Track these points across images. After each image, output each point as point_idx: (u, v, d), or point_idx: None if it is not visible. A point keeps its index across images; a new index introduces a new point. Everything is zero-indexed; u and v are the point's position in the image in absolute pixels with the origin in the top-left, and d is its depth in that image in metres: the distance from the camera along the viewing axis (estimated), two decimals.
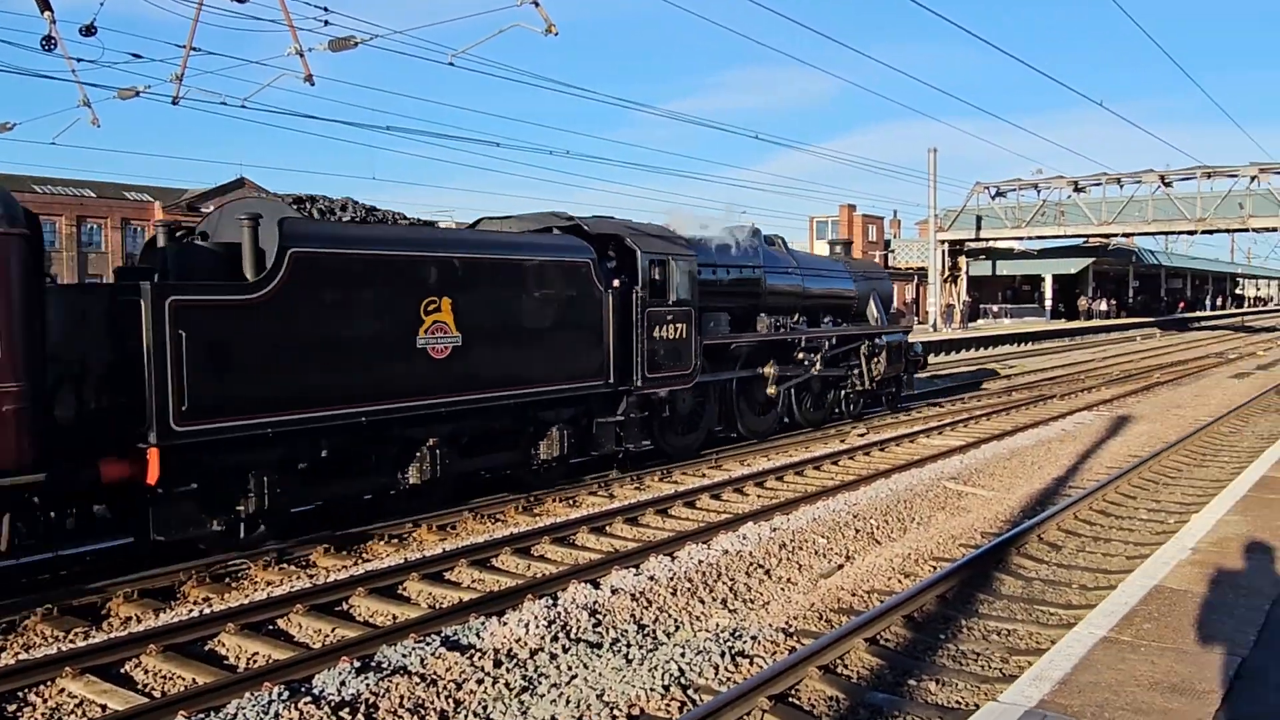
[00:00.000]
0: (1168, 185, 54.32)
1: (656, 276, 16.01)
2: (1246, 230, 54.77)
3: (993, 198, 60.81)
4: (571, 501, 13.86)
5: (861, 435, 19.97)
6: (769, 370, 19.59)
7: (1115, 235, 61.32)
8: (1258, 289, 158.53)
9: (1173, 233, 60.65)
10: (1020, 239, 61.93)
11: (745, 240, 19.75)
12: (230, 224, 11.64)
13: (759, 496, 14.62)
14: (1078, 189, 57.66)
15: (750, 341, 18.94)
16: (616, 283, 15.28)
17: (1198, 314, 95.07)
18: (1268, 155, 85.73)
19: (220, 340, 10.21)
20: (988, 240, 63.99)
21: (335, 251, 11.41)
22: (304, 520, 12.38)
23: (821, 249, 53.83)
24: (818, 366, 20.85)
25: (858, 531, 12.33)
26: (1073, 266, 74.21)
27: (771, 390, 19.55)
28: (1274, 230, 53.93)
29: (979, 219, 60.75)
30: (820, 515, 12.90)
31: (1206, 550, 9.24)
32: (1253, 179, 51.91)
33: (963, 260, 63.12)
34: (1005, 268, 74.21)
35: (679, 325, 16.63)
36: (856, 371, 22.65)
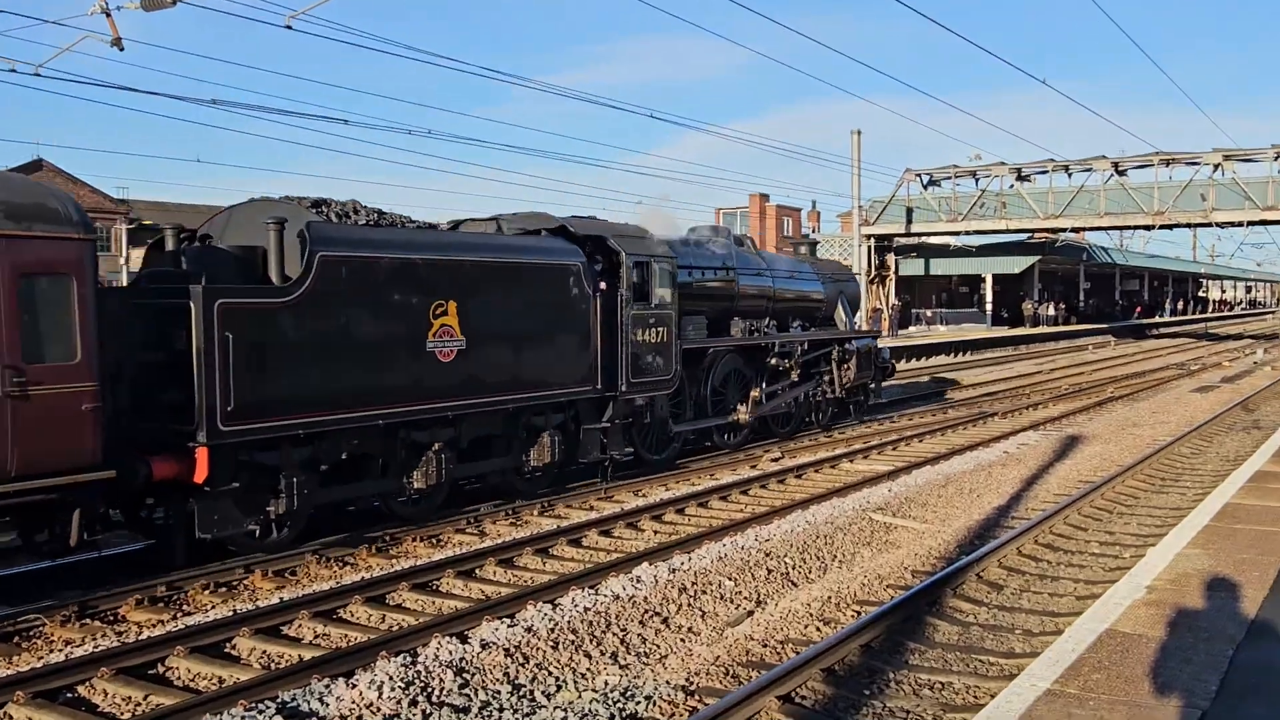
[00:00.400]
0: (1121, 174, 55.68)
1: (639, 279, 17.96)
2: (1209, 225, 56.39)
3: (925, 187, 61.51)
4: (435, 540, 13.88)
5: (775, 460, 20.23)
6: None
7: (1064, 230, 62.66)
8: (1223, 291, 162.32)
9: (1128, 227, 62.17)
10: (957, 234, 62.42)
11: (719, 240, 22.12)
12: (244, 226, 13.48)
13: (656, 532, 14.71)
14: (1021, 177, 58.67)
15: (728, 346, 21.03)
16: (603, 285, 17.13)
17: (1156, 320, 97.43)
18: (1232, 140, 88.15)
19: (259, 342, 12.12)
20: (920, 235, 64.78)
21: (358, 255, 13.38)
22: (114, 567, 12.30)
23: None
24: (795, 373, 23.20)
25: (770, 572, 12.39)
26: (1016, 265, 75.08)
27: (755, 394, 21.71)
28: (1240, 225, 55.70)
29: (910, 211, 61.48)
30: (727, 553, 12.94)
31: (1164, 589, 9.47)
32: (1216, 167, 53.37)
33: (891, 258, 64.08)
34: (940, 267, 74.73)
35: (661, 329, 18.70)
36: (827, 379, 24.51)
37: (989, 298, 78.26)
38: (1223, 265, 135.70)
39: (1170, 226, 58.24)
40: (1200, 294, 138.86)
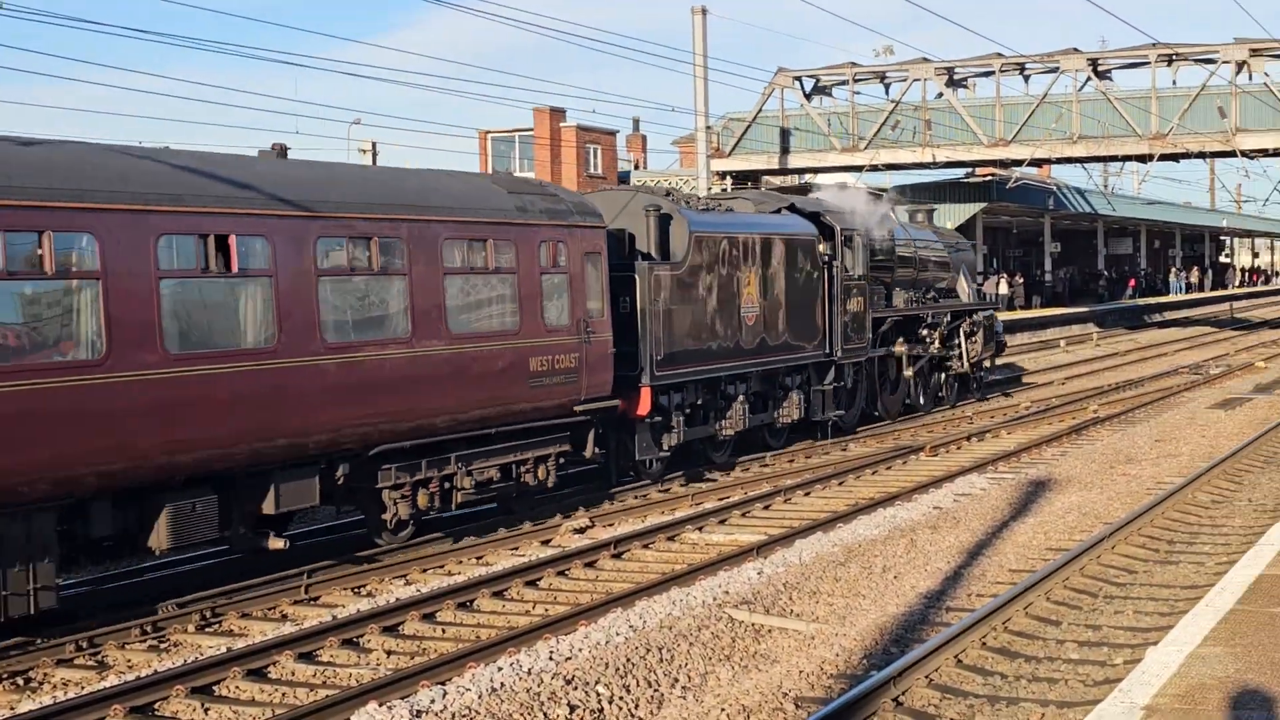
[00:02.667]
0: (1103, 76, 50.97)
1: (846, 251, 25.80)
2: (1233, 154, 51.31)
3: (808, 97, 54.79)
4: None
5: (580, 532, 19.02)
6: (899, 349, 28.70)
7: (1019, 163, 56.32)
8: (1255, 255, 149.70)
9: (1115, 158, 56.22)
10: (857, 170, 54.63)
11: (882, 208, 29.16)
12: (616, 210, 21.30)
13: (391, 651, 13.43)
14: (954, 82, 53.09)
15: (897, 315, 28.67)
16: (826, 257, 25.62)
17: (1158, 299, 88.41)
18: (1262, 28, 75.85)
19: (669, 308, 20.87)
20: (801, 173, 58.05)
21: (713, 234, 22.24)
22: None
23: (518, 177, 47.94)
24: (935, 345, 30.18)
25: (573, 712, 11.26)
26: (949, 218, 63.69)
27: (908, 373, 28.92)
28: (1276, 155, 51.92)
29: (785, 134, 54.56)
30: (507, 684, 11.66)
31: (1171, 710, 8.75)
32: (1240, 67, 48.62)
33: None
34: None
35: (859, 298, 26.23)
36: (956, 352, 31.13)
37: None
38: (1254, 216, 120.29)
39: (1176, 157, 53.22)
40: (1223, 259, 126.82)
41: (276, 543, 15.49)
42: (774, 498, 20.87)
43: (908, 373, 28.72)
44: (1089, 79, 50.08)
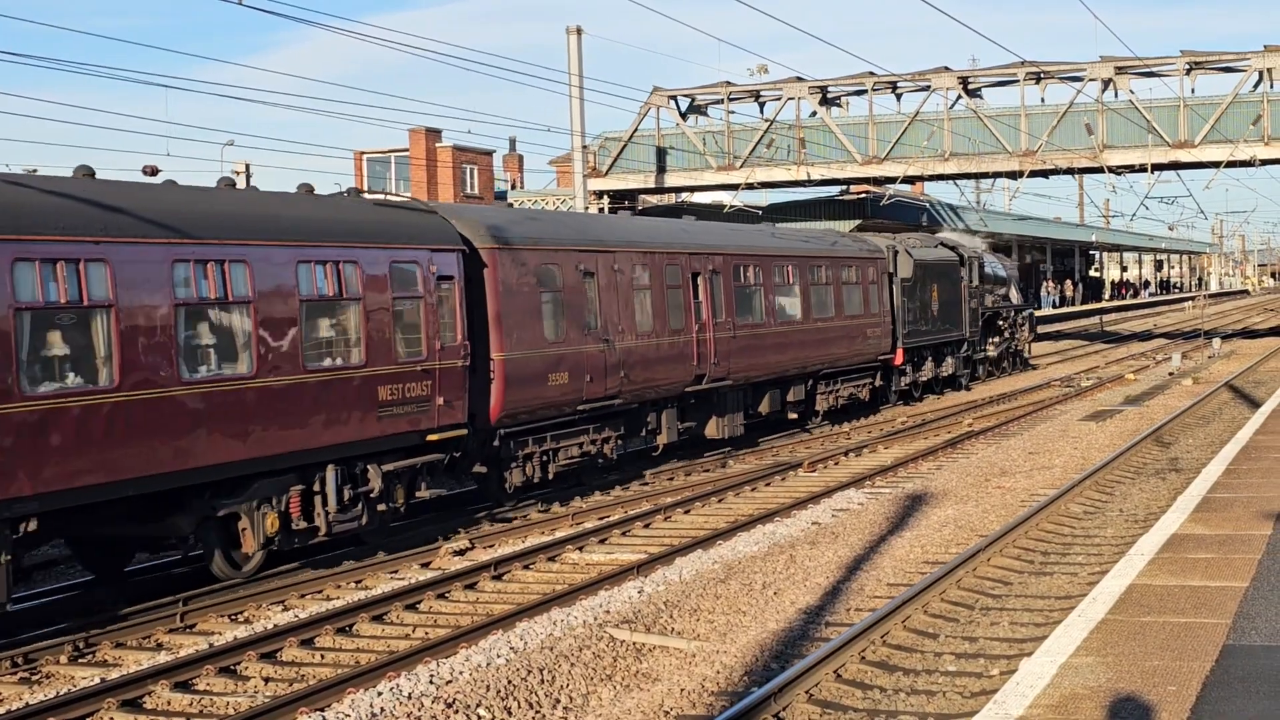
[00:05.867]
0: (973, 94, 52.36)
1: (970, 270, 42.14)
2: (1100, 170, 52.94)
3: (684, 116, 55.80)
4: None
5: (460, 554, 18.90)
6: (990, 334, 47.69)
7: (892, 180, 57.88)
8: (1124, 269, 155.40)
9: (984, 175, 58.03)
10: (733, 189, 56.28)
11: (979, 243, 48.86)
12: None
13: (269, 679, 13.23)
14: (827, 101, 54.14)
15: (992, 311, 45.09)
16: (962, 274, 43.08)
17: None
18: (1125, 47, 78.91)
19: (905, 303, 38.16)
20: (678, 191, 59.69)
21: (920, 260, 38.67)
22: None
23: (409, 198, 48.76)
24: (1007, 332, 47.52)
25: None
26: None
27: (992, 352, 45.37)
28: (1143, 170, 52.67)
29: (661, 153, 55.45)
30: (387, 709, 11.64)
31: None
32: (1106, 85, 50.31)
33: None
34: None
35: (975, 300, 42.72)
36: (1016, 336, 49.04)
37: None
38: (1122, 230, 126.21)
39: (1046, 174, 54.82)
40: (1093, 273, 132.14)
41: None
42: (654, 516, 20.90)
43: (992, 352, 45.30)
44: (960, 97, 51.13)
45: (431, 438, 19.15)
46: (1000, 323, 46.23)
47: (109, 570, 17.48)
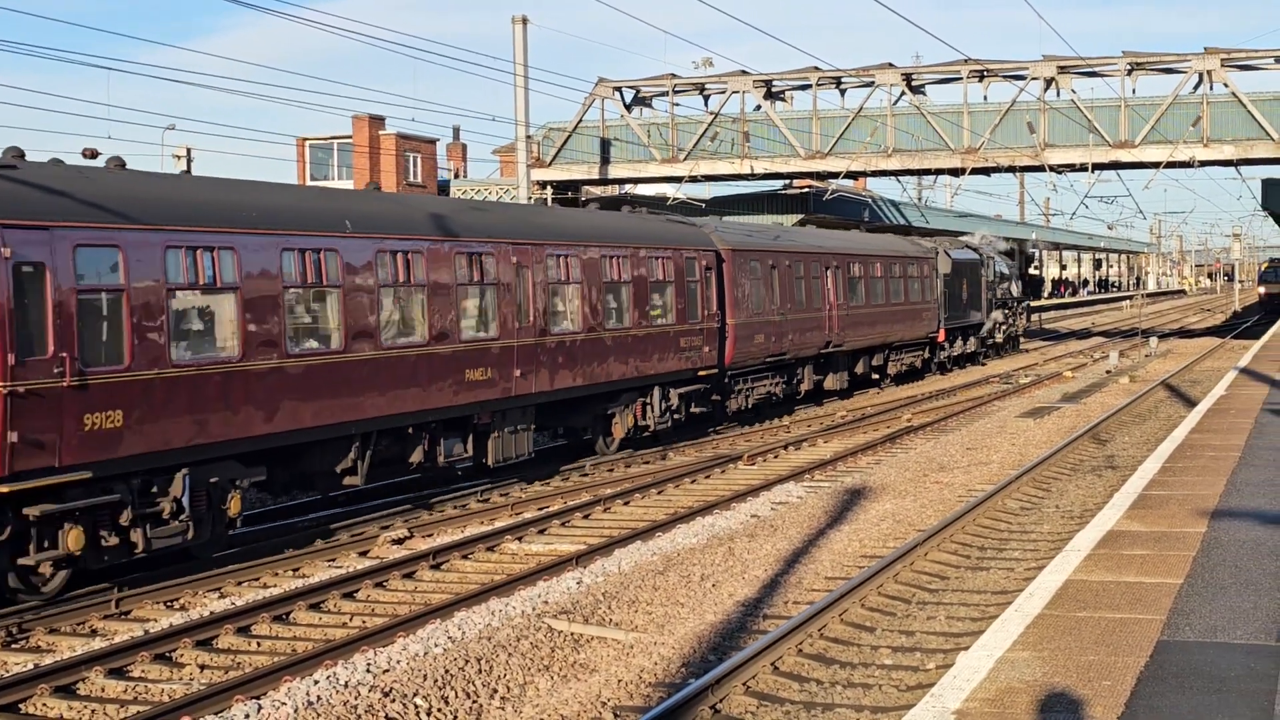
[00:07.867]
0: (916, 91, 52.56)
1: (987, 267, 54.07)
2: (1040, 169, 53.60)
3: (628, 108, 55.72)
4: None
5: (399, 543, 18.88)
6: (1000, 318, 57.52)
7: (835, 175, 57.26)
8: (1063, 268, 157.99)
9: (927, 172, 58.90)
10: (677, 181, 56.46)
11: (995, 244, 62.59)
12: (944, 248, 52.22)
13: (205, 666, 13.22)
14: (771, 95, 54.15)
15: (1001, 300, 58.64)
16: (981, 270, 55.33)
17: None
18: (1068, 46, 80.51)
19: (945, 292, 49.37)
20: (622, 183, 59.71)
21: (955, 259, 49.67)
22: None
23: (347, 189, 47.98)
24: (1012, 318, 60.73)
25: None
26: None
27: (999, 337, 57.12)
28: (1083, 169, 53.30)
29: (605, 145, 55.50)
30: (323, 697, 11.58)
31: (980, 714, 8.88)
32: (1049, 83, 50.70)
33: None
34: None
35: (990, 292, 54.48)
36: (1015, 322, 62.72)
37: None
38: (1062, 229, 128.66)
39: (987, 171, 54.93)
40: (1032, 271, 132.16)
41: None
42: (594, 507, 20.93)
43: (999, 337, 55.71)
44: (903, 93, 51.32)
45: (701, 373, 30.05)
46: (1006, 311, 57.26)
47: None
